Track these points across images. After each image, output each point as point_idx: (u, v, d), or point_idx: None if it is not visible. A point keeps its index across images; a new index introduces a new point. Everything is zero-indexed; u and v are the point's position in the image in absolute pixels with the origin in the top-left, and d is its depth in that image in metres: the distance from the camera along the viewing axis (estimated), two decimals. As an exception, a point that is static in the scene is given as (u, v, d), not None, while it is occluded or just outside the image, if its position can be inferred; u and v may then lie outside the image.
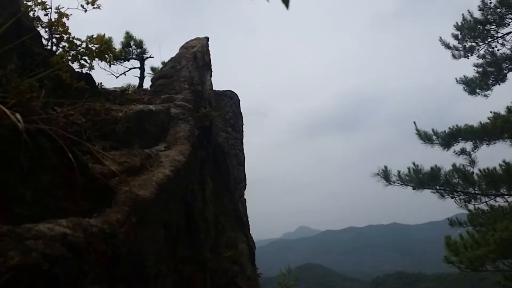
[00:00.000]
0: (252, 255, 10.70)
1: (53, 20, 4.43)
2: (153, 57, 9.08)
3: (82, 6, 4.57)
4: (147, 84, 8.44)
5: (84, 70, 4.54)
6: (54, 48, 4.54)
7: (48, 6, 4.52)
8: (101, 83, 5.90)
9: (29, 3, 4.44)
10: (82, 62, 4.31)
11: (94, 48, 4.36)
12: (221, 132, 10.40)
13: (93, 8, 4.63)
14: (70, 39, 4.36)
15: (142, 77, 8.81)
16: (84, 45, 4.36)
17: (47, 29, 4.46)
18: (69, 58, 4.04)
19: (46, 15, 4.52)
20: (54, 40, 4.51)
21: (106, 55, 4.44)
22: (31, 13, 4.46)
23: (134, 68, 8.85)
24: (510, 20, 15.12)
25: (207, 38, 9.17)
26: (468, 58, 16.40)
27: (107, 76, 7.66)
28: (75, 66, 4.26)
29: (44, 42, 4.58)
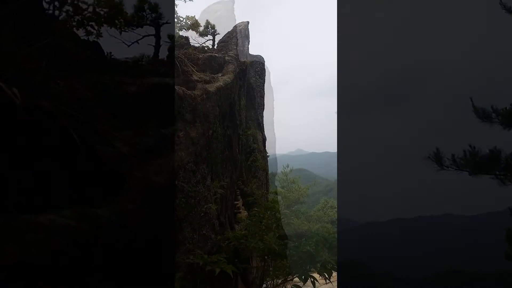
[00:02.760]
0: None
1: (55, -20, 4.41)
2: (169, 23, 9.02)
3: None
4: (163, 54, 8.42)
5: (91, 38, 4.52)
6: (56, 12, 4.53)
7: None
8: (110, 52, 5.92)
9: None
10: (89, 28, 4.27)
11: (102, 13, 4.31)
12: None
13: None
14: (75, 2, 4.33)
15: (157, 46, 8.78)
16: (91, 9, 4.31)
17: (48, -9, 4.44)
18: (74, 24, 3.99)
19: (47, -26, 4.51)
20: (56, 3, 4.50)
21: (116, 21, 4.40)
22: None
23: (149, 35, 8.81)
24: None
25: (233, 1, 9.05)
26: (531, 24, 15.87)
27: (118, 44, 7.66)
28: (81, 33, 4.23)
29: (45, 5, 4.57)
